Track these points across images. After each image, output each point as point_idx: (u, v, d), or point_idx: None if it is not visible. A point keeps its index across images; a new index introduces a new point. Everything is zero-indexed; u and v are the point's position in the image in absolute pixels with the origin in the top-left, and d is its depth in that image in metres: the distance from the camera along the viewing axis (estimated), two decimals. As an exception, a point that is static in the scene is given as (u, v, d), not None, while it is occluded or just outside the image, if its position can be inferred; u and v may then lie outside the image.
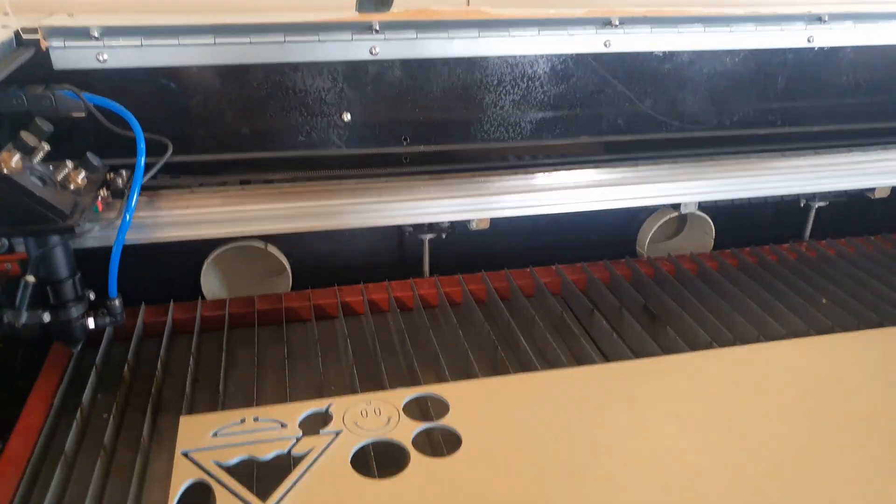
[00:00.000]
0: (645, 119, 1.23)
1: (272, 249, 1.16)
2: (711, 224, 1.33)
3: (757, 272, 1.21)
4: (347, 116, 1.10)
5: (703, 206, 1.28)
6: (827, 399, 0.86)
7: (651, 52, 1.18)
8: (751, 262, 1.24)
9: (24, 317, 0.81)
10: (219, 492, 0.72)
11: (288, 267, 1.18)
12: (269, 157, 1.10)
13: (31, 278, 0.82)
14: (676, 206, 1.26)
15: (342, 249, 1.25)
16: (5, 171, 0.74)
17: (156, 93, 1.03)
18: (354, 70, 1.08)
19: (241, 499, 0.71)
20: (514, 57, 1.12)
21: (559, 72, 1.16)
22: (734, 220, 1.37)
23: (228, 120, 1.07)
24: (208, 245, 1.13)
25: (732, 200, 1.33)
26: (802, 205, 1.36)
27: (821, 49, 1.24)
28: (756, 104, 1.27)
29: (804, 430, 0.81)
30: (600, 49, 1.13)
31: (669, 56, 1.19)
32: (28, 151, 0.78)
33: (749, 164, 1.17)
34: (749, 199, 1.35)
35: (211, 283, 1.18)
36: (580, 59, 1.16)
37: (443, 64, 1.10)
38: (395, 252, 1.27)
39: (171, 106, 1.05)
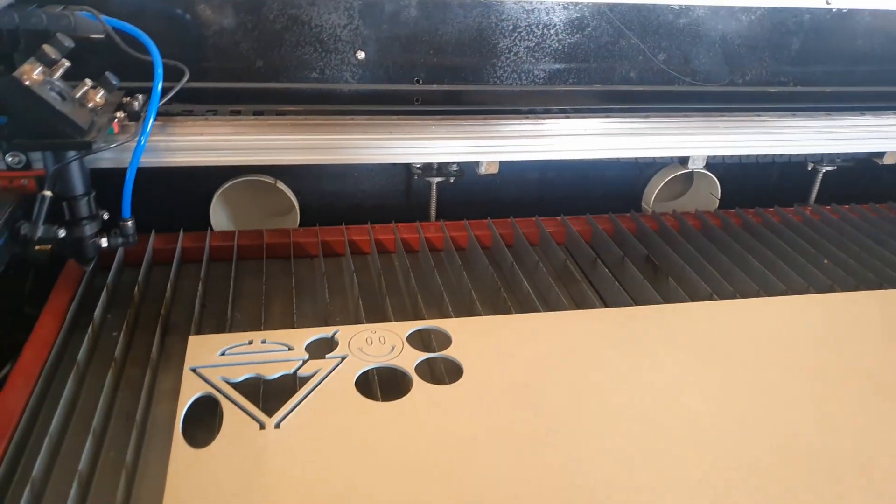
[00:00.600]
0: (657, 73, 1.23)
1: (281, 186, 1.17)
2: (717, 184, 1.34)
3: (760, 231, 1.22)
4: (362, 55, 1.10)
5: (709, 166, 1.29)
6: (822, 354, 0.87)
7: (667, 6, 1.17)
8: (755, 222, 1.25)
9: (40, 230, 0.83)
10: (226, 406, 0.74)
11: (296, 205, 1.19)
12: (281, 90, 1.10)
13: (48, 193, 0.83)
14: (684, 163, 1.27)
15: (350, 191, 1.26)
16: (27, 82, 0.75)
17: (171, 22, 1.04)
18: (370, 7, 1.08)
19: (248, 413, 0.73)
20: (531, 2, 1.12)
21: (574, 21, 1.16)
22: (740, 182, 1.38)
23: (243, 52, 1.08)
24: (218, 179, 1.15)
25: (740, 159, 1.33)
26: (810, 168, 1.36)
27: (838, 11, 1.23)
28: (770, 64, 1.26)
29: (798, 382, 0.82)
30: (617, -1, 1.13)
31: (685, 10, 1.19)
32: (50, 65, 0.79)
33: (759, 122, 1.17)
34: (756, 159, 1.35)
35: (220, 218, 1.19)
36: (596, 9, 1.15)
37: (459, 6, 1.10)
38: (403, 196, 1.28)
39: (187, 36, 1.05)
